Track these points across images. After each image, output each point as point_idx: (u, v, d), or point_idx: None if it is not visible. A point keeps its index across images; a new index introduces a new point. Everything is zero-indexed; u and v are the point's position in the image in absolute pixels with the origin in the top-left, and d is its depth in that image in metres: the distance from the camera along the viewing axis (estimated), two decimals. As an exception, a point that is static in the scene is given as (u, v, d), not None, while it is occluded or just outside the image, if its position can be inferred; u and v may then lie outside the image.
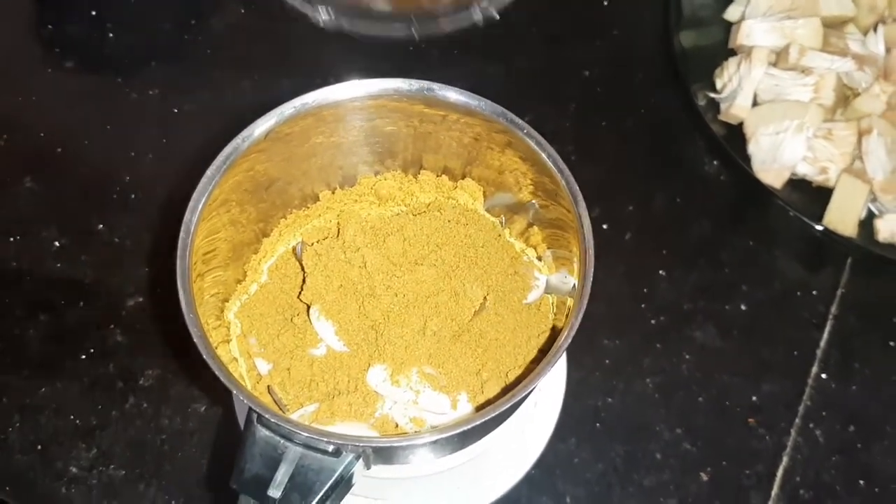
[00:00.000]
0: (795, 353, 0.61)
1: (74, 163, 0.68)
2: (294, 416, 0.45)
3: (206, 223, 0.44)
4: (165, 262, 0.63)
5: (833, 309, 0.62)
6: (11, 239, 0.64)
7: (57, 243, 0.64)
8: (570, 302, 0.46)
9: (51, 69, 0.72)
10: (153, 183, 0.66)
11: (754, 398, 0.59)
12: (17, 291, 0.62)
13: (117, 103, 0.70)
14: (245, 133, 0.45)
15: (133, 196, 0.66)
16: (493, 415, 0.38)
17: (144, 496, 0.55)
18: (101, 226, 0.65)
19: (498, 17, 0.40)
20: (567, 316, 0.44)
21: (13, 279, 0.62)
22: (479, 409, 0.45)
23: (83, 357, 0.59)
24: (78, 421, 0.57)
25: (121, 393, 0.58)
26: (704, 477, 0.57)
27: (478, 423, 0.38)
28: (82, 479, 0.56)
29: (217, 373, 0.39)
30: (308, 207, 0.52)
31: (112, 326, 0.60)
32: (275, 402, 0.46)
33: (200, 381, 0.59)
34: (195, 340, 0.39)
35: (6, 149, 0.68)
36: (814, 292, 0.63)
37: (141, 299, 0.62)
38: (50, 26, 0.74)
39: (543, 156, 0.45)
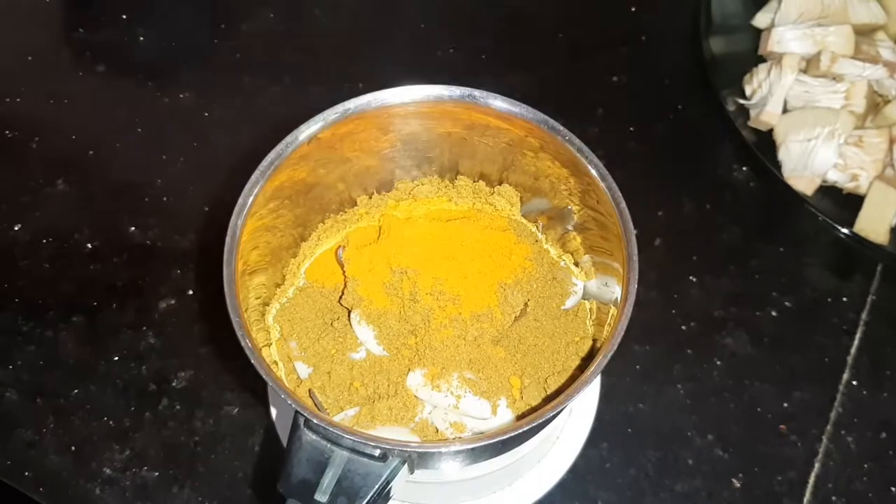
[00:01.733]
0: (826, 359, 0.61)
1: (106, 166, 0.68)
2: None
3: (248, 227, 0.44)
4: (197, 265, 0.64)
5: (864, 316, 0.62)
6: (44, 241, 0.64)
7: (89, 245, 0.64)
8: (612, 310, 0.46)
9: (82, 73, 0.73)
10: (184, 186, 0.67)
11: (785, 405, 0.59)
12: (49, 293, 0.62)
13: (148, 107, 0.71)
14: (289, 138, 0.45)
15: (164, 199, 0.66)
16: (541, 420, 0.38)
17: (178, 498, 0.55)
18: (133, 228, 0.65)
19: None
20: (610, 324, 0.45)
21: (46, 281, 0.63)
22: (520, 415, 0.45)
23: (116, 359, 0.60)
24: (111, 422, 0.58)
25: (154, 395, 0.59)
26: (736, 483, 0.57)
27: (525, 429, 0.38)
28: (116, 480, 0.56)
29: (266, 378, 0.39)
30: (346, 212, 0.52)
31: (145, 328, 0.61)
32: (315, 405, 0.46)
33: (233, 384, 0.59)
34: (243, 346, 0.39)
35: (38, 151, 0.69)
36: (844, 299, 0.63)
37: (173, 301, 0.62)
38: (81, 30, 0.75)
39: (584, 162, 0.45)
